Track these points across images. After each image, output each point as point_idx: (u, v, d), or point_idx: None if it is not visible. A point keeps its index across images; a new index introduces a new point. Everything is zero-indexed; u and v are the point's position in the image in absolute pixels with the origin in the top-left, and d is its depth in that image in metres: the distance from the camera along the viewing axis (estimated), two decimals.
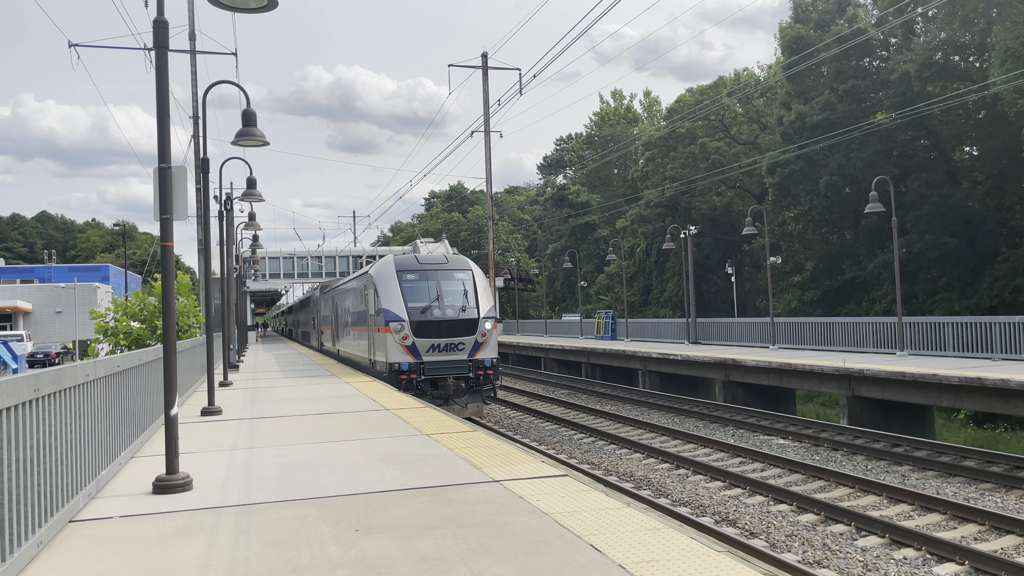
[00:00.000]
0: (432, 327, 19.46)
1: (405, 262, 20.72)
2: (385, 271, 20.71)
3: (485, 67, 32.40)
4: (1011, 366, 18.79)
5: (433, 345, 19.38)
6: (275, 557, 5.17)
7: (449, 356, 19.46)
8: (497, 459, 8.27)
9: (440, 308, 19.65)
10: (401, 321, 19.32)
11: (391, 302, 19.69)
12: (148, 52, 21.56)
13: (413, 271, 20.28)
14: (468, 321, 19.74)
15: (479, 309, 19.96)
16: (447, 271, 20.50)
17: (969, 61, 35.46)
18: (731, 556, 4.96)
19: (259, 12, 8.41)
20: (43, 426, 5.53)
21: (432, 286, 20.02)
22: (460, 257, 21.65)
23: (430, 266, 20.53)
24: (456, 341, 19.54)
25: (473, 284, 20.42)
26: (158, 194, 7.44)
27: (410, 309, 19.42)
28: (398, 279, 20.08)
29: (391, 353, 19.34)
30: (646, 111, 71.46)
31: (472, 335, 19.69)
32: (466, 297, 20.07)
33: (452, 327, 19.56)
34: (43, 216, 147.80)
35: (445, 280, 20.21)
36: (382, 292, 20.03)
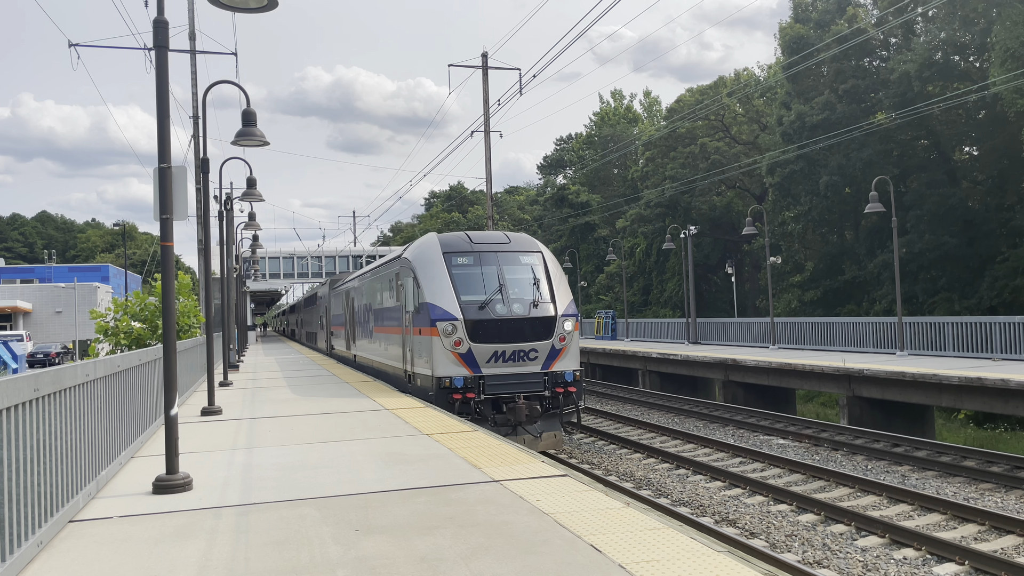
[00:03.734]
0: (494, 329, 14.66)
1: (453, 241, 15.94)
2: (428, 254, 15.77)
3: (485, 67, 32.39)
4: (1011, 366, 18.79)
5: (496, 353, 14.63)
6: (275, 557, 5.17)
7: (517, 368, 14.70)
8: (497, 459, 8.27)
9: (504, 303, 14.87)
10: (453, 320, 14.51)
11: (438, 294, 14.88)
12: (148, 52, 21.58)
13: (465, 253, 15.62)
14: (542, 320, 14.95)
15: (555, 304, 15.19)
16: (510, 253, 15.79)
17: (969, 61, 35.46)
18: (731, 556, 4.96)
19: (259, 12, 8.41)
20: (43, 426, 5.53)
21: (491, 273, 15.33)
22: (524, 236, 16.81)
23: (487, 247, 15.82)
24: (526, 348, 14.76)
25: (545, 270, 15.72)
26: (158, 194, 7.44)
27: (464, 304, 14.71)
28: (446, 264, 15.28)
29: (439, 363, 14.52)
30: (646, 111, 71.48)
31: (547, 339, 14.89)
32: (537, 288, 15.32)
33: (521, 329, 14.80)
34: (43, 216, 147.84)
35: (508, 265, 15.51)
36: (425, 281, 15.21)
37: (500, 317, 14.76)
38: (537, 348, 14.90)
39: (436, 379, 14.52)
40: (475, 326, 14.61)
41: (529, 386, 14.78)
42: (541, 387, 14.85)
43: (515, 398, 14.52)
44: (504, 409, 14.59)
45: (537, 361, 14.89)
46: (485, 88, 32.44)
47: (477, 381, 14.47)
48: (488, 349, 14.64)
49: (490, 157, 32.68)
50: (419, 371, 15.69)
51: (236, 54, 25.57)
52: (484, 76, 32.38)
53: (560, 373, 14.94)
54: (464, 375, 14.44)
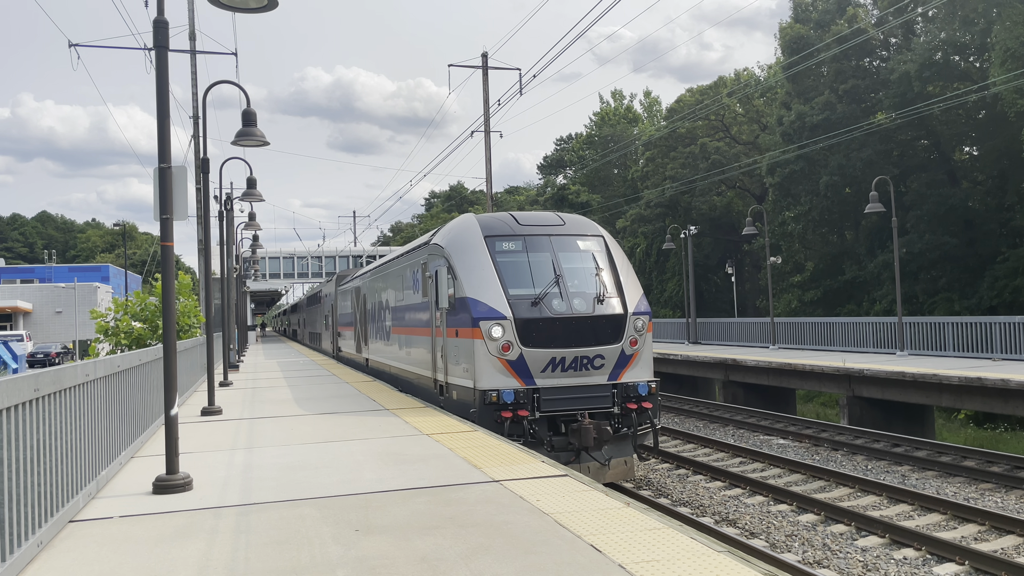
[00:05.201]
0: (551, 330, 12.05)
1: (496, 223, 13.27)
2: (466, 238, 13.11)
3: (485, 67, 32.38)
4: (1011, 366, 18.79)
5: (553, 360, 11.98)
6: (275, 557, 5.17)
7: (579, 378, 12.09)
8: (497, 459, 8.27)
9: (563, 298, 12.28)
10: (500, 319, 11.91)
11: (480, 287, 12.23)
12: (148, 52, 21.58)
13: (511, 237, 12.92)
14: (609, 319, 12.32)
15: (624, 299, 12.57)
16: (566, 237, 13.14)
17: (969, 61, 35.45)
18: (731, 556, 4.96)
19: (259, 12, 8.42)
20: (43, 426, 5.53)
21: (544, 261, 12.70)
22: (580, 217, 14.19)
23: (538, 229, 13.16)
24: (590, 353, 12.13)
25: (609, 259, 13.14)
26: (158, 194, 7.44)
27: (513, 300, 12.12)
28: (489, 250, 12.65)
29: (483, 373, 11.91)
30: (646, 111, 71.48)
31: (616, 342, 12.25)
32: (601, 279, 12.69)
33: (583, 329, 12.19)
34: (43, 216, 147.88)
35: (564, 251, 12.90)
36: (463, 271, 12.55)
37: (558, 315, 12.09)
38: (603, 354, 12.18)
39: (480, 393, 11.73)
40: (527, 326, 11.95)
41: (594, 401, 12.04)
42: (609, 402, 12.09)
43: (577, 416, 11.88)
44: (564, 430, 11.95)
45: (603, 370, 12.22)
46: (485, 88, 32.44)
47: (530, 395, 11.75)
48: (543, 355, 11.96)
49: (490, 157, 32.67)
50: (455, 382, 12.88)
51: (236, 54, 25.59)
52: (484, 76, 32.38)
53: (632, 385, 12.24)
54: (514, 387, 11.72)
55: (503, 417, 11.55)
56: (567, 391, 11.96)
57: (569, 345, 12.03)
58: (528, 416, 11.69)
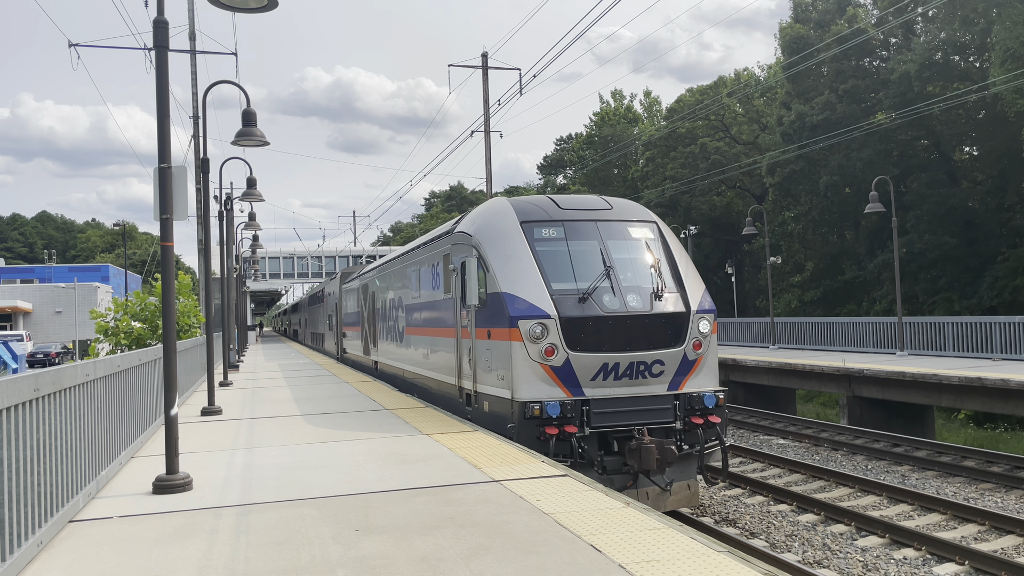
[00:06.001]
0: (602, 330, 10.39)
1: (532, 208, 11.62)
2: (499, 224, 11.48)
3: (485, 67, 32.38)
4: (1011, 366, 18.79)
5: (605, 366, 10.35)
6: (275, 557, 5.17)
7: (635, 387, 10.47)
8: (497, 459, 8.27)
9: (615, 293, 10.65)
10: (542, 318, 10.28)
11: (518, 281, 10.63)
12: (148, 52, 21.59)
13: (551, 223, 11.31)
14: (669, 319, 10.68)
15: (686, 294, 10.98)
16: (615, 223, 11.53)
17: (969, 61, 35.45)
18: (731, 556, 4.96)
19: (259, 12, 8.42)
20: (43, 426, 5.53)
21: (591, 251, 11.06)
22: (629, 202, 12.67)
23: (582, 214, 11.53)
24: (648, 358, 10.48)
25: (665, 248, 11.60)
26: (158, 194, 7.44)
27: (558, 295, 10.50)
28: (526, 238, 11.05)
29: (523, 381, 10.28)
30: (646, 111, 71.44)
31: (677, 345, 10.62)
32: (657, 272, 11.08)
33: (640, 330, 10.51)
34: (43, 216, 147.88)
35: (614, 240, 11.28)
36: (497, 262, 10.95)
37: (610, 314, 10.41)
38: (663, 359, 10.51)
39: (519, 405, 10.07)
40: (574, 327, 10.27)
41: (652, 414, 10.38)
42: (669, 416, 10.45)
43: (633, 432, 10.20)
44: (617, 448, 10.35)
45: (662, 378, 10.56)
46: (485, 88, 32.43)
47: (578, 407, 10.11)
48: (593, 361, 10.27)
49: (490, 157, 32.67)
50: (487, 391, 11.18)
51: (236, 54, 25.60)
52: (484, 76, 32.38)
53: (697, 395, 10.58)
54: (560, 398, 10.10)
55: (548, 434, 9.88)
56: (621, 403, 10.29)
57: (623, 348, 10.37)
58: (577, 432, 10.04)
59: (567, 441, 10.01)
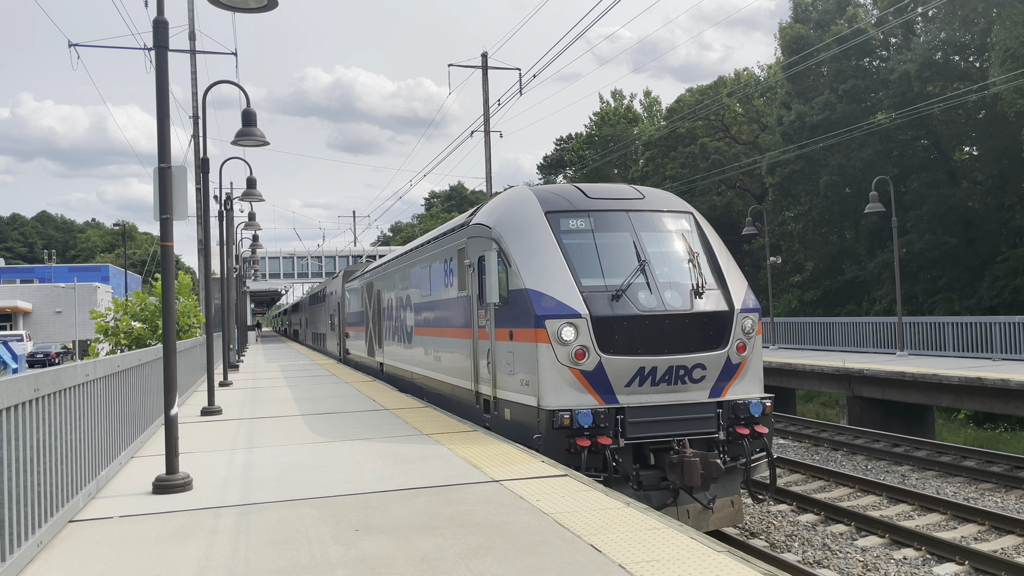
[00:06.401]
0: (638, 331, 9.48)
1: (557, 197, 10.68)
2: (521, 215, 10.58)
3: (485, 67, 32.38)
4: (1011, 366, 18.79)
5: (641, 371, 9.44)
6: (275, 557, 5.17)
7: (673, 394, 9.56)
8: (497, 459, 8.27)
9: (651, 290, 9.76)
10: (572, 318, 9.38)
11: (544, 276, 9.75)
12: (148, 52, 21.60)
13: (579, 213, 10.39)
14: (711, 319, 9.79)
15: (728, 292, 10.09)
16: (649, 214, 10.62)
17: (969, 61, 35.46)
18: (731, 556, 4.96)
19: (259, 12, 8.42)
20: (43, 426, 5.53)
21: (623, 243, 10.19)
22: (661, 191, 11.55)
23: (612, 203, 10.62)
24: (688, 362, 9.57)
25: (703, 241, 10.67)
26: (158, 194, 7.44)
27: (588, 292, 9.60)
28: (552, 230, 10.16)
29: (550, 387, 9.38)
30: (646, 111, 71.46)
31: (720, 348, 9.70)
32: (696, 267, 10.19)
33: (679, 331, 9.61)
34: (43, 216, 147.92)
35: (648, 232, 10.38)
36: (520, 256, 10.07)
37: (646, 312, 9.49)
38: (704, 362, 9.58)
39: (546, 413, 9.16)
40: (608, 327, 9.36)
41: (693, 424, 9.43)
42: (712, 425, 9.49)
43: (673, 444, 9.25)
44: (653, 461, 9.45)
45: (703, 384, 9.61)
46: (485, 88, 32.43)
47: (612, 416, 9.19)
48: (628, 364, 9.35)
49: (490, 157, 32.67)
50: (509, 397, 10.23)
51: (236, 54, 25.61)
52: (484, 76, 32.38)
53: (742, 403, 9.61)
54: (591, 406, 9.18)
55: (579, 446, 8.94)
56: (659, 411, 9.35)
57: (661, 351, 9.43)
58: (611, 445, 9.07)
59: (600, 454, 9.09)
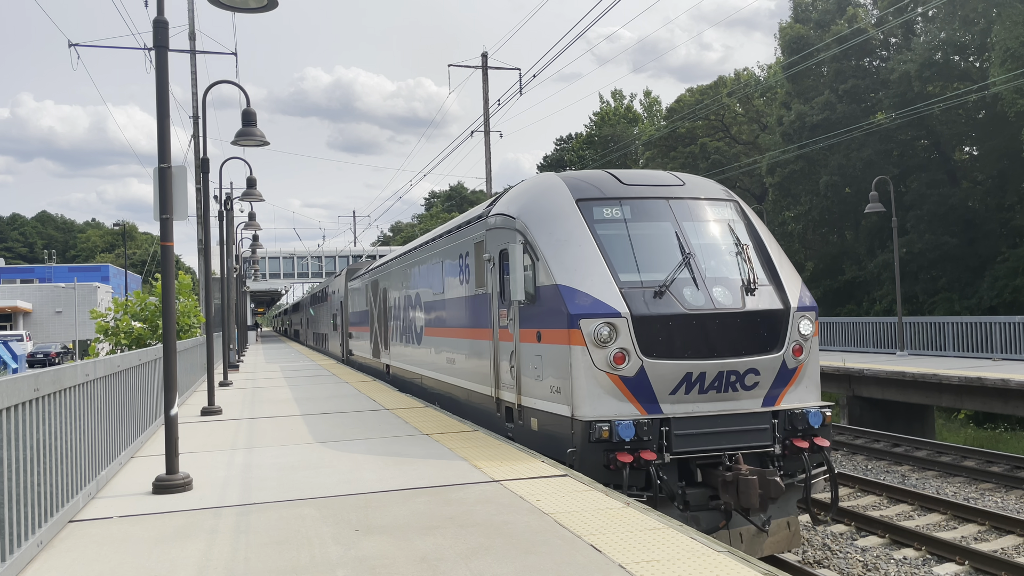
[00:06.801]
0: (684, 332, 8.55)
1: (588, 184, 9.69)
2: (550, 203, 9.62)
3: (485, 67, 32.39)
4: (1011, 366, 18.79)
5: (688, 376, 8.49)
6: (275, 557, 5.17)
7: (723, 403, 8.59)
8: (497, 459, 8.26)
9: (698, 286, 8.81)
10: (611, 316, 8.43)
11: (577, 270, 8.81)
12: (148, 52, 21.60)
13: (614, 201, 9.44)
14: (765, 318, 8.85)
15: (782, 288, 9.15)
16: (691, 202, 9.66)
17: (969, 61, 35.46)
18: (731, 556, 4.96)
19: (259, 12, 8.42)
20: (43, 426, 5.53)
21: (665, 235, 9.28)
22: (702, 179, 10.56)
23: (650, 191, 9.67)
24: (740, 366, 8.60)
25: (751, 232, 9.70)
26: (158, 194, 7.44)
27: (627, 289, 8.66)
28: (585, 219, 9.20)
29: (585, 395, 8.42)
30: (646, 111, 71.47)
31: (774, 351, 8.76)
32: (746, 260, 9.23)
33: (729, 332, 8.67)
34: (43, 216, 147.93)
35: (690, 221, 9.44)
36: (549, 248, 9.11)
37: (694, 311, 8.54)
38: (758, 367, 8.60)
39: (582, 424, 8.18)
40: (651, 327, 8.40)
41: (746, 436, 8.45)
42: (767, 438, 8.52)
43: (723, 458, 8.31)
44: (700, 478, 8.50)
45: (756, 391, 8.65)
46: (485, 88, 32.44)
47: (656, 428, 8.22)
48: (674, 370, 8.39)
49: (490, 157, 32.67)
50: (536, 405, 9.24)
51: (236, 54, 25.61)
52: (484, 76, 32.38)
53: (799, 413, 8.63)
54: (633, 416, 8.22)
55: (619, 462, 7.97)
56: (708, 422, 8.37)
57: (710, 355, 8.45)
58: (655, 460, 8.07)
59: (643, 470, 8.11)
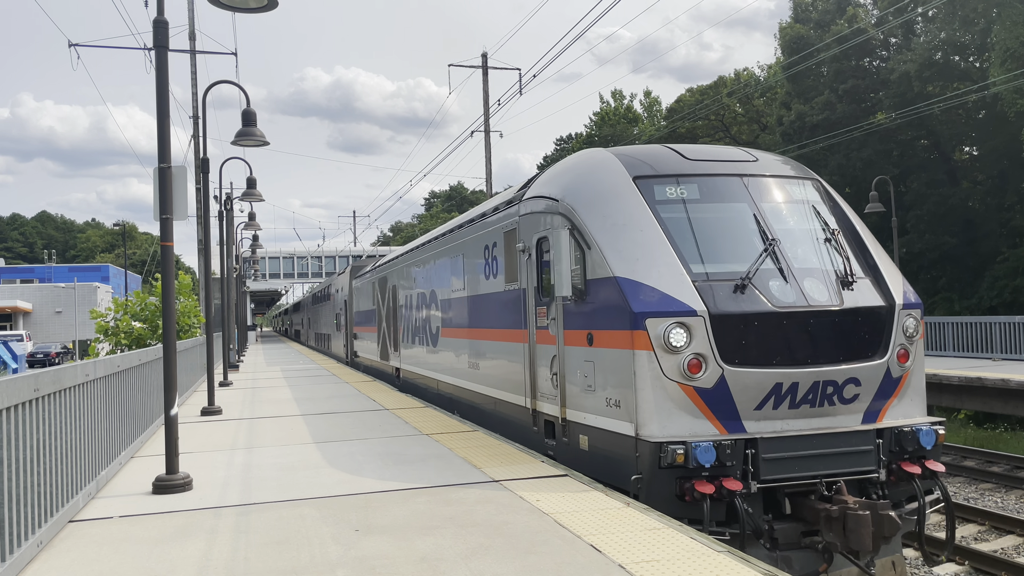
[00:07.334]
0: (771, 334, 7.18)
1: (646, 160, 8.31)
2: (603, 181, 8.24)
3: (485, 67, 32.39)
4: (1011, 366, 18.79)
5: (778, 388, 7.07)
6: (275, 557, 5.17)
7: (818, 420, 7.21)
8: (497, 459, 8.26)
9: (786, 279, 7.46)
10: (685, 315, 7.02)
11: (639, 260, 7.43)
12: (148, 52, 21.61)
13: (679, 179, 8.07)
14: (865, 317, 7.52)
15: (883, 281, 7.84)
16: (768, 180, 8.30)
17: (969, 61, 35.46)
18: (731, 556, 4.96)
19: (259, 12, 8.42)
20: (43, 426, 5.53)
21: (740, 218, 7.94)
22: (775, 155, 9.34)
23: (721, 167, 8.31)
24: (838, 376, 7.23)
25: (839, 215, 8.39)
26: (158, 194, 7.44)
27: (702, 282, 7.28)
28: (645, 200, 7.83)
29: (652, 410, 7.01)
30: (646, 111, 71.48)
31: (877, 356, 7.43)
32: (837, 247, 7.93)
33: (824, 334, 7.31)
34: (43, 216, 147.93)
35: (769, 203, 8.09)
36: (603, 234, 7.78)
37: (783, 308, 7.16)
38: (858, 376, 7.22)
39: (650, 447, 6.79)
40: (732, 329, 7.02)
41: (847, 461, 7.05)
42: (871, 462, 7.11)
43: (819, 487, 6.90)
44: (789, 510, 7.00)
45: (856, 405, 7.26)
46: (485, 88, 32.44)
47: (741, 452, 6.78)
48: (762, 380, 6.98)
49: (490, 157, 32.67)
50: (587, 420, 7.84)
51: (236, 54, 25.63)
52: (484, 76, 32.39)
53: (908, 431, 7.25)
54: (712, 436, 6.82)
55: (699, 492, 6.57)
56: (801, 443, 6.95)
57: (804, 362, 7.07)
58: (740, 490, 6.64)
59: (727, 502, 6.69)
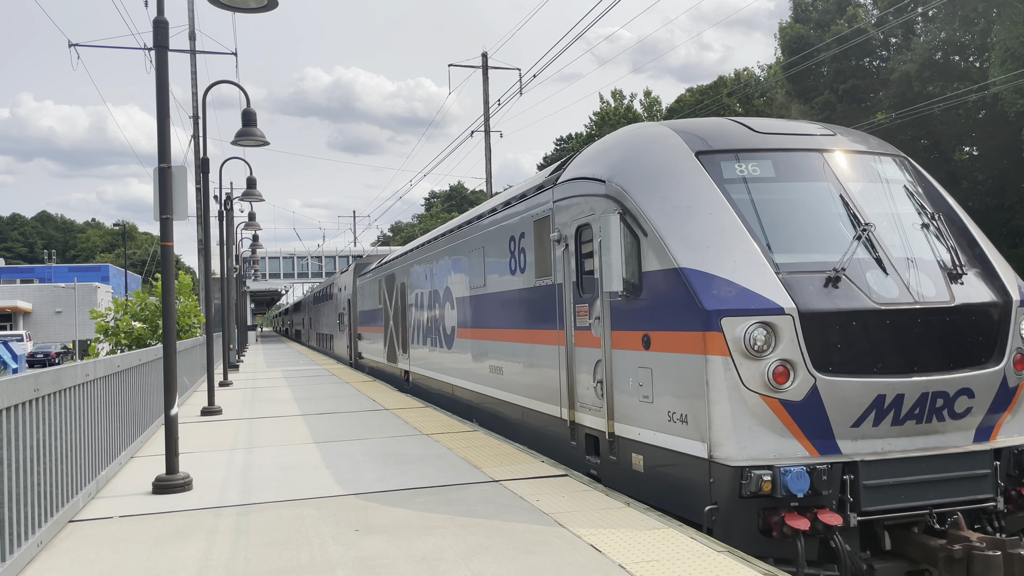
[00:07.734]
0: (872, 336, 5.87)
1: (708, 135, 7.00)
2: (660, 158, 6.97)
3: (485, 67, 32.40)
4: None
5: (879, 401, 5.76)
6: (275, 557, 5.17)
7: (925, 439, 5.93)
8: (497, 459, 8.26)
9: (885, 271, 6.14)
10: (768, 312, 5.75)
11: (709, 248, 6.14)
12: (148, 52, 21.61)
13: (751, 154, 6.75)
14: (977, 316, 6.20)
15: (993, 272, 6.57)
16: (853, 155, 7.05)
17: (969, 61, 35.48)
18: (731, 556, 4.96)
19: (259, 12, 8.43)
20: (43, 426, 5.53)
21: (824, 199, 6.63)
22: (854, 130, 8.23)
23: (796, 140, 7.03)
24: (948, 386, 5.91)
25: (934, 197, 7.18)
26: (158, 194, 7.44)
27: (787, 274, 5.97)
28: (712, 178, 6.53)
29: (729, 426, 5.72)
30: (646, 111, 71.49)
31: (992, 363, 6.10)
32: (939, 233, 6.69)
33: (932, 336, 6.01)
34: (43, 216, 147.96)
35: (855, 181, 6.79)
36: (663, 219, 6.45)
37: (885, 305, 6.00)
38: (971, 386, 6.06)
39: (729, 472, 5.71)
40: (826, 329, 5.88)
41: (960, 487, 5.95)
42: (990, 488, 6.02)
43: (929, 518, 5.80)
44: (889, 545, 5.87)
45: (968, 421, 6.12)
46: (485, 88, 32.44)
47: (838, 477, 5.72)
48: (862, 391, 5.83)
49: (490, 157, 32.68)
50: (643, 437, 6.68)
51: (236, 54, 25.61)
52: (484, 76, 32.40)
53: None
54: (802, 459, 5.72)
55: (791, 527, 5.50)
56: (909, 467, 5.85)
57: (909, 369, 5.92)
58: (837, 525, 5.54)
59: (817, 537, 5.61)
